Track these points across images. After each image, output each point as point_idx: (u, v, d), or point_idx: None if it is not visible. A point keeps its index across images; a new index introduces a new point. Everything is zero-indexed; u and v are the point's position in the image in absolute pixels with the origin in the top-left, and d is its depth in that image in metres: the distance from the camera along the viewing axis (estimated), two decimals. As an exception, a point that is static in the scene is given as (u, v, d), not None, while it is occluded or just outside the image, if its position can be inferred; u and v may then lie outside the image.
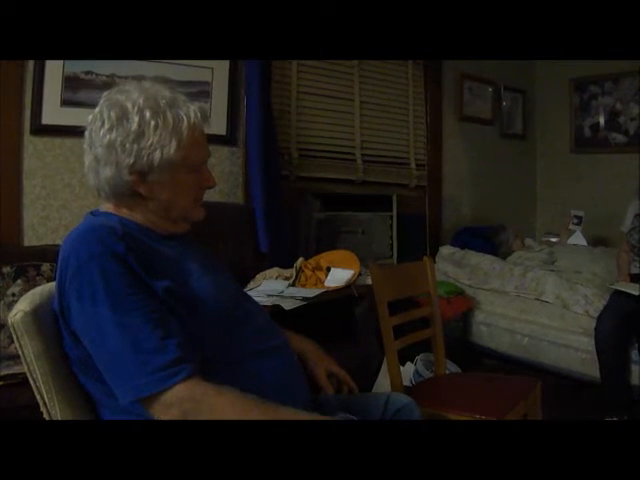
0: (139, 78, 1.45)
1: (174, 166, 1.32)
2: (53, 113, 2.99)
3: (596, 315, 3.27)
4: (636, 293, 3.06)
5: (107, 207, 1.37)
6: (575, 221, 4.73)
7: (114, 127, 1.29)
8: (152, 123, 1.29)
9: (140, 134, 1.29)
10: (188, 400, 1.12)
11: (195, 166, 1.38)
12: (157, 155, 1.30)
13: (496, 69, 5.19)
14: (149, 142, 1.29)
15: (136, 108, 1.30)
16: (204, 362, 1.20)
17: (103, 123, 1.30)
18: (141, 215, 1.36)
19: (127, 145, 1.28)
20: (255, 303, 1.54)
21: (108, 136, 1.29)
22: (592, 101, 5.37)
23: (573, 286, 3.74)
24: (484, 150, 5.28)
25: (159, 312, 1.18)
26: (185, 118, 1.33)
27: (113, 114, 1.29)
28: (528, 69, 5.66)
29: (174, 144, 1.31)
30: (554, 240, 4.85)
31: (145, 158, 1.29)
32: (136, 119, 1.29)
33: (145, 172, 1.31)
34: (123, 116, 1.29)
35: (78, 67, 3.02)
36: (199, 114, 1.37)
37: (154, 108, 1.31)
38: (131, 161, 1.29)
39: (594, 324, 3.18)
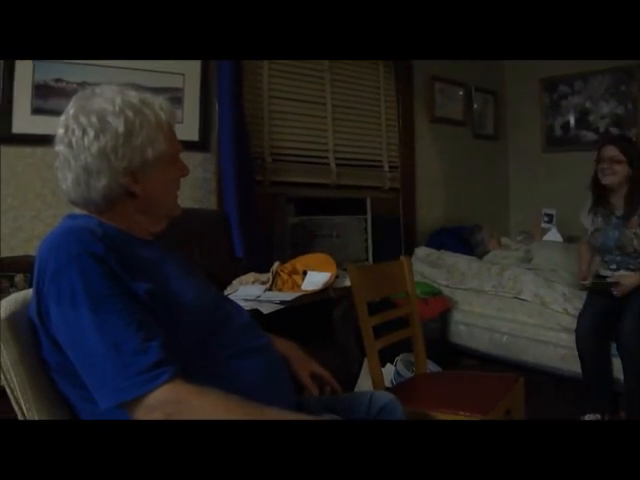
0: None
1: (163, 160, 1.34)
2: (23, 122, 2.92)
3: (574, 312, 3.30)
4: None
5: (85, 210, 1.33)
6: (546, 219, 4.74)
7: (99, 133, 1.26)
8: (137, 121, 1.29)
9: (129, 134, 1.28)
10: (171, 402, 1.10)
11: (175, 157, 1.40)
12: (149, 152, 1.30)
13: (466, 70, 5.20)
14: (139, 140, 1.29)
15: (117, 109, 1.28)
16: (186, 364, 1.17)
17: (85, 131, 1.26)
18: (122, 218, 1.33)
19: (119, 149, 1.27)
20: (236, 305, 1.53)
21: (96, 144, 1.26)
22: (562, 100, 5.42)
23: (551, 284, 3.75)
24: (457, 151, 5.29)
25: (140, 314, 1.16)
26: (161, 112, 1.35)
27: (94, 119, 1.26)
28: (498, 70, 5.69)
29: (161, 138, 1.32)
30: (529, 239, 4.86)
31: (139, 157, 1.29)
32: (121, 120, 1.27)
33: (138, 171, 1.30)
34: (105, 119, 1.27)
35: (48, 75, 2.97)
36: (167, 106, 1.38)
37: (133, 106, 1.30)
38: (125, 164, 1.28)
39: (573, 321, 3.20)
